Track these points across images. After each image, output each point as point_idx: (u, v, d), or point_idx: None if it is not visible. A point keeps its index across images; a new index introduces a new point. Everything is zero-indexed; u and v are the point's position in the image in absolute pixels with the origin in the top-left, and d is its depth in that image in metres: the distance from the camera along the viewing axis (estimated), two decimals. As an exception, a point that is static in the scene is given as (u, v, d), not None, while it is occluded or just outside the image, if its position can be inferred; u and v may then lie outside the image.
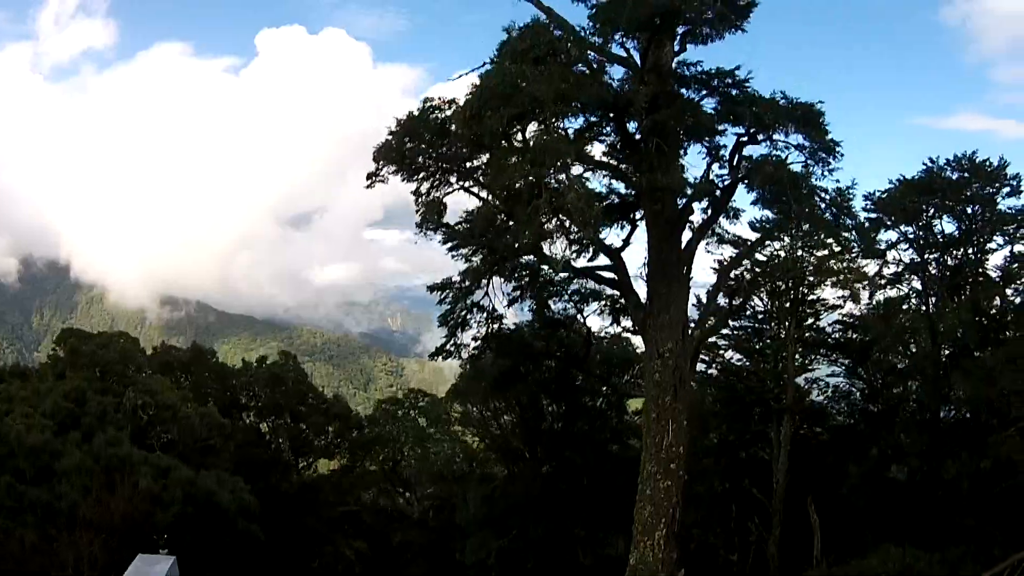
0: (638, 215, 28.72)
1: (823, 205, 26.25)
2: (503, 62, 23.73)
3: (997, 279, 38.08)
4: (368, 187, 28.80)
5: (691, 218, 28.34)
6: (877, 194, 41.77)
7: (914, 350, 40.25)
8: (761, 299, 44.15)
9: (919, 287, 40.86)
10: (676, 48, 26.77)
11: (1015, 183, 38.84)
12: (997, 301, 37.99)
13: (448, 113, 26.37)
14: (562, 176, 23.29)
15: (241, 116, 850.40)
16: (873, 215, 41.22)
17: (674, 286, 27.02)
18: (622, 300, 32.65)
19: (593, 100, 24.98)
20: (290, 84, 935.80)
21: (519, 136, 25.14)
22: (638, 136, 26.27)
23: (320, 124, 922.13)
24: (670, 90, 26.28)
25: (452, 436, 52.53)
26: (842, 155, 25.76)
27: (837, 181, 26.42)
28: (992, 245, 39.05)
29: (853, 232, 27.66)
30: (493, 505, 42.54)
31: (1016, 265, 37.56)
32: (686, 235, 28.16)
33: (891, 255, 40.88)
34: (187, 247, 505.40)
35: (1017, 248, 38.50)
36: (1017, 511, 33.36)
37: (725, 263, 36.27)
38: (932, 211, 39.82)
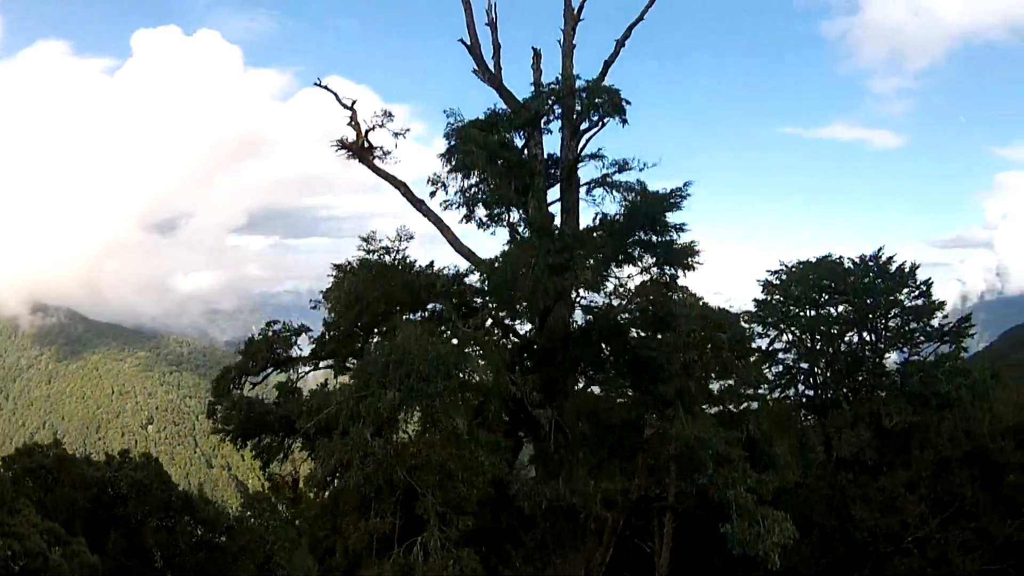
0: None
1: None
2: (370, 383, 18.01)
3: (896, 378, 35.70)
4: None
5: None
6: (767, 276, 39.77)
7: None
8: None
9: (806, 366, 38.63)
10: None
11: (923, 287, 36.97)
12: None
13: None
14: None
15: (114, 118, 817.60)
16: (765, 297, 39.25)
17: (570, 555, 22.86)
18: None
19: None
20: (162, 86, 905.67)
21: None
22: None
23: (189, 128, 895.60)
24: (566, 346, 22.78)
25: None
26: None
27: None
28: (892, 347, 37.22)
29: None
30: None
31: (914, 371, 35.28)
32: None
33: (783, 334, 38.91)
34: (57, 253, 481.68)
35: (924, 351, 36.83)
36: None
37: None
38: (826, 297, 37.74)
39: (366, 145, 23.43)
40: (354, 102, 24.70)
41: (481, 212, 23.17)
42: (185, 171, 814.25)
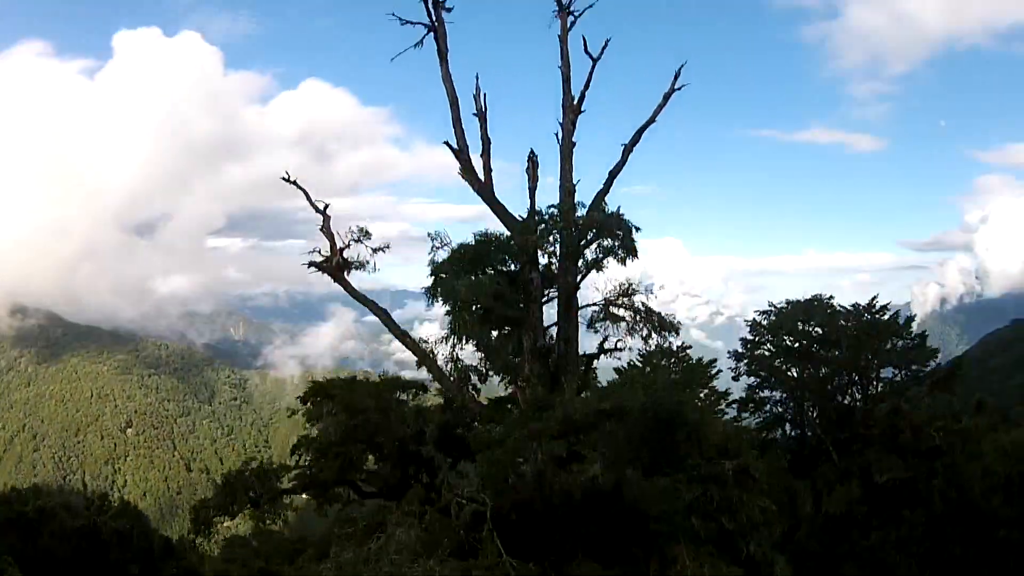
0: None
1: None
2: None
3: (887, 431, 34.76)
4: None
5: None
6: (754, 316, 39.01)
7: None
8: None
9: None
10: None
11: (919, 339, 36.24)
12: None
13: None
14: None
15: (93, 119, 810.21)
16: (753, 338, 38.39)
17: None
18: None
19: None
20: (142, 88, 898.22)
21: None
22: None
23: (169, 129, 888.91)
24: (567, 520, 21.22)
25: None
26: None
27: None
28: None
29: None
30: None
31: (905, 425, 34.31)
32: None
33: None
34: (36, 254, 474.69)
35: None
36: None
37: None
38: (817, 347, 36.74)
39: (340, 261, 21.93)
40: (327, 206, 23.38)
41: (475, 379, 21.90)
42: (164, 173, 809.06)
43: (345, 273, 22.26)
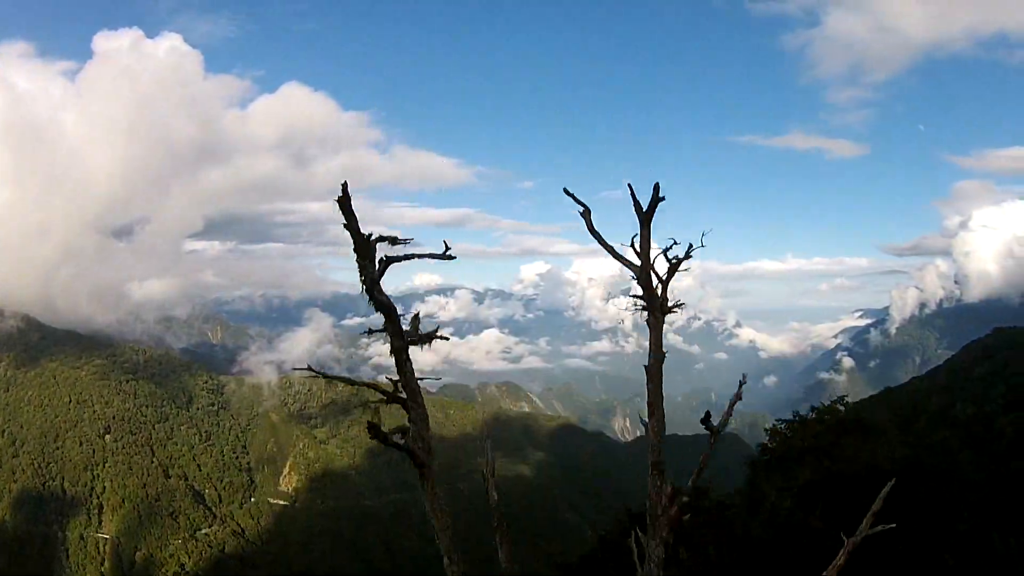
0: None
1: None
2: None
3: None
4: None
5: None
6: (775, 423, 38.05)
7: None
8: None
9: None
10: None
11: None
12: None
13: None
14: None
15: (72, 121, 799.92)
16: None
17: None
18: None
19: None
20: (122, 90, 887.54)
21: None
22: None
23: (148, 132, 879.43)
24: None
25: None
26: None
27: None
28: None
29: None
30: None
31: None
32: None
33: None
34: (13, 257, 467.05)
35: None
36: None
37: None
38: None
39: None
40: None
41: None
42: (143, 176, 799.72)
43: None
